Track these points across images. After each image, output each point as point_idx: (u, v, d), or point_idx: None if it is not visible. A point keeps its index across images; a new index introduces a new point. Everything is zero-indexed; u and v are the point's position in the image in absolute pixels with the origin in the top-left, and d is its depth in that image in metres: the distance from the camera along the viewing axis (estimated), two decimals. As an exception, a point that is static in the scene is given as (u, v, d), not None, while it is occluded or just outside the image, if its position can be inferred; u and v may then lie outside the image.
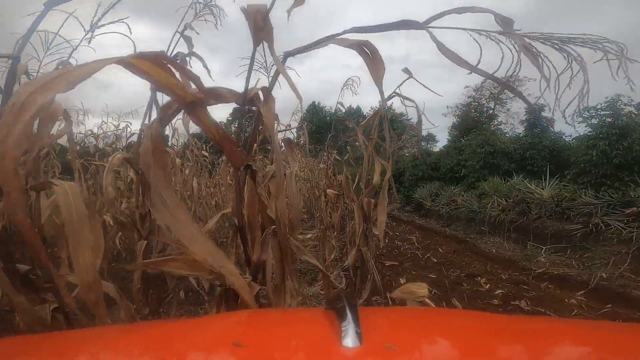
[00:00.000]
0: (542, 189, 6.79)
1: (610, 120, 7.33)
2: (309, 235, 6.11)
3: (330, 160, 5.00)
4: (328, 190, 4.07)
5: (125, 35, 1.44)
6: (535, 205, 6.18)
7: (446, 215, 8.74)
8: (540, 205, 6.13)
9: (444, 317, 0.70)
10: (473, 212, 7.53)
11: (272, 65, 1.30)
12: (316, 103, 35.84)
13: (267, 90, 0.92)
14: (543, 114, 19.95)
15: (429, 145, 28.13)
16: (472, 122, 17.15)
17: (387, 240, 6.02)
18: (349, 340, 0.43)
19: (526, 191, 6.68)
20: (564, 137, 10.80)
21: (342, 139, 6.17)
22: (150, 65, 0.62)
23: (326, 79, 58.55)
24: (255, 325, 0.62)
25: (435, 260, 4.93)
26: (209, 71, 1.79)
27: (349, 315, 0.47)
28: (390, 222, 8.15)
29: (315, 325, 0.55)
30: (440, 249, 5.74)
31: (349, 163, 4.24)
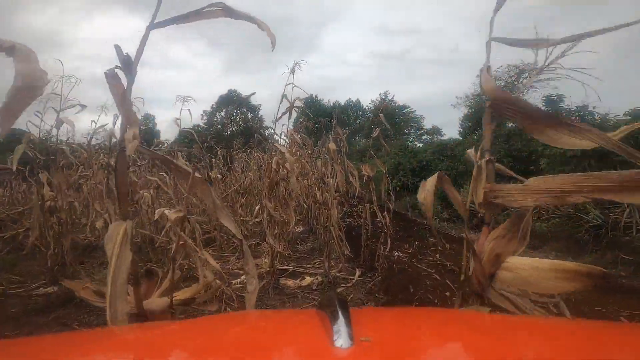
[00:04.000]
0: None
1: None
2: (305, 281, 3.36)
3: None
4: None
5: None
6: None
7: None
8: None
9: (437, 318, 0.69)
10: (593, 229, 4.64)
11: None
12: (314, 96, 33.82)
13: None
14: (562, 104, 17.97)
15: (434, 138, 26.06)
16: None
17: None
18: (341, 341, 0.43)
19: None
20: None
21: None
22: None
23: (324, 76, 56.90)
24: (248, 327, 0.62)
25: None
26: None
27: (341, 317, 0.47)
28: (442, 243, 5.37)
29: (308, 327, 0.56)
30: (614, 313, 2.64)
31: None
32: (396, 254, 4.47)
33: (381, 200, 3.45)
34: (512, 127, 9.54)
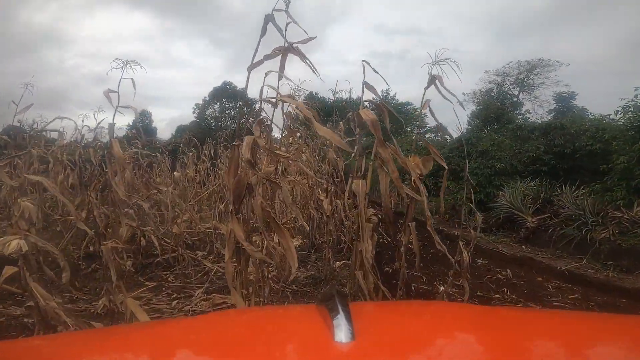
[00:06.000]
0: None
1: None
2: None
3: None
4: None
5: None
6: None
7: (604, 247, 3.89)
8: None
9: (435, 310, 0.68)
10: None
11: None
12: (314, 93, 32.55)
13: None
14: (574, 102, 16.99)
15: (437, 137, 24.88)
16: (495, 110, 14.26)
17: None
18: (342, 336, 0.42)
19: None
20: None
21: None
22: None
23: (324, 74, 55.75)
24: (249, 323, 0.62)
25: None
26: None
27: (341, 311, 0.46)
28: (494, 265, 3.94)
29: (308, 322, 0.55)
30: None
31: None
32: (441, 288, 3.11)
33: (434, 215, 2.15)
34: (550, 121, 8.25)
